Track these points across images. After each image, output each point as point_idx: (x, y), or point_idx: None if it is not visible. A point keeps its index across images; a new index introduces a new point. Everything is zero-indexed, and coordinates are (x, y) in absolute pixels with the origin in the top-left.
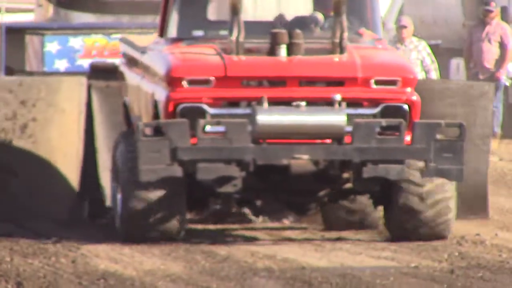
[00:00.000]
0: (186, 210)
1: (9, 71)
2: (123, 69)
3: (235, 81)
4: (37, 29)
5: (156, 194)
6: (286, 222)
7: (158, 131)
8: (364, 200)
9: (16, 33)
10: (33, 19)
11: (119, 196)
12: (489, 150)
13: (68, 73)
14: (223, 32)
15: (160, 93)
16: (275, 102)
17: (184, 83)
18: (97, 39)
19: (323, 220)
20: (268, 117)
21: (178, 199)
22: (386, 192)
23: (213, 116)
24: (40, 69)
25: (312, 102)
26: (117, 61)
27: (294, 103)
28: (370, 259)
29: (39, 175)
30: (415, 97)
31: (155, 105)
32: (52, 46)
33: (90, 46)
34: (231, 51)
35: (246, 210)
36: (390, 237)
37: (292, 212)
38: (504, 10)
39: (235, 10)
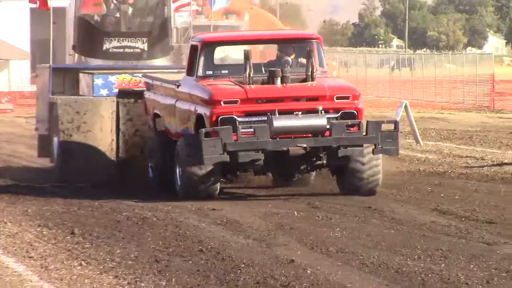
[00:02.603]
0: (220, 179)
1: (56, 94)
2: (150, 95)
3: (253, 101)
4: (84, 69)
5: (203, 170)
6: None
7: (208, 133)
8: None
9: (60, 71)
10: (67, 62)
11: (178, 170)
12: None
13: (107, 97)
14: (224, 71)
15: (205, 110)
16: (280, 112)
17: (222, 103)
18: (125, 77)
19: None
20: (279, 122)
21: (216, 173)
22: (341, 165)
23: (241, 123)
24: (91, 95)
25: (302, 111)
26: (141, 89)
27: (295, 113)
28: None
29: (88, 155)
30: (360, 106)
31: (198, 117)
32: (98, 81)
33: (121, 81)
34: (245, 82)
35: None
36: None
37: (283, 178)
38: None
39: (247, 56)
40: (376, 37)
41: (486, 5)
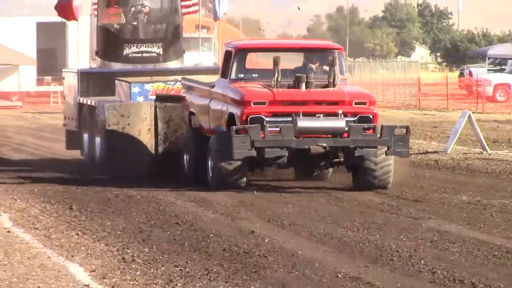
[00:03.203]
0: (248, 172)
1: (83, 95)
2: (188, 95)
3: (280, 103)
4: (121, 77)
5: (232, 165)
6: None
7: (238, 130)
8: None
9: (85, 74)
10: (88, 67)
11: (210, 164)
12: None
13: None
14: (254, 75)
15: (236, 110)
16: (303, 114)
17: (251, 104)
18: (159, 85)
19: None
20: (303, 123)
21: (245, 167)
22: (356, 164)
23: (268, 122)
24: (128, 101)
25: (324, 114)
26: (175, 94)
27: (317, 115)
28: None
29: (130, 151)
30: (375, 111)
31: (230, 116)
32: (135, 89)
33: (155, 89)
34: (273, 86)
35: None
36: None
37: (304, 174)
38: None
39: (276, 62)
40: None
41: (414, 21)
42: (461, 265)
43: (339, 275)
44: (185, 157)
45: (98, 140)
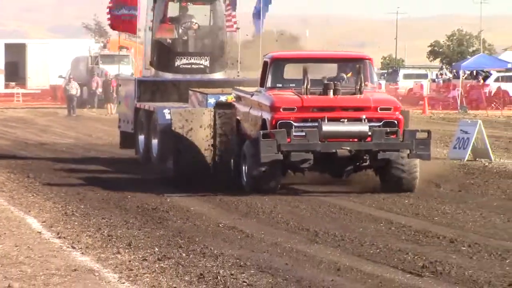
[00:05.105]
0: (280, 176)
1: (139, 100)
2: (236, 103)
3: (308, 109)
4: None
5: (264, 169)
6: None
7: (266, 135)
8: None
9: (143, 82)
10: (143, 75)
11: (244, 168)
12: None
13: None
14: (292, 85)
15: (267, 115)
16: (329, 119)
17: (281, 109)
18: (232, 97)
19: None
20: (328, 127)
21: (276, 171)
22: (383, 167)
23: (296, 127)
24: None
25: (350, 119)
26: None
27: (341, 120)
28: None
29: (192, 152)
30: (400, 116)
31: (263, 121)
32: (211, 100)
33: (230, 100)
34: (303, 93)
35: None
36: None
37: (332, 177)
38: None
39: (305, 71)
40: None
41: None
42: (307, 218)
43: (220, 225)
44: (232, 161)
45: (154, 142)
